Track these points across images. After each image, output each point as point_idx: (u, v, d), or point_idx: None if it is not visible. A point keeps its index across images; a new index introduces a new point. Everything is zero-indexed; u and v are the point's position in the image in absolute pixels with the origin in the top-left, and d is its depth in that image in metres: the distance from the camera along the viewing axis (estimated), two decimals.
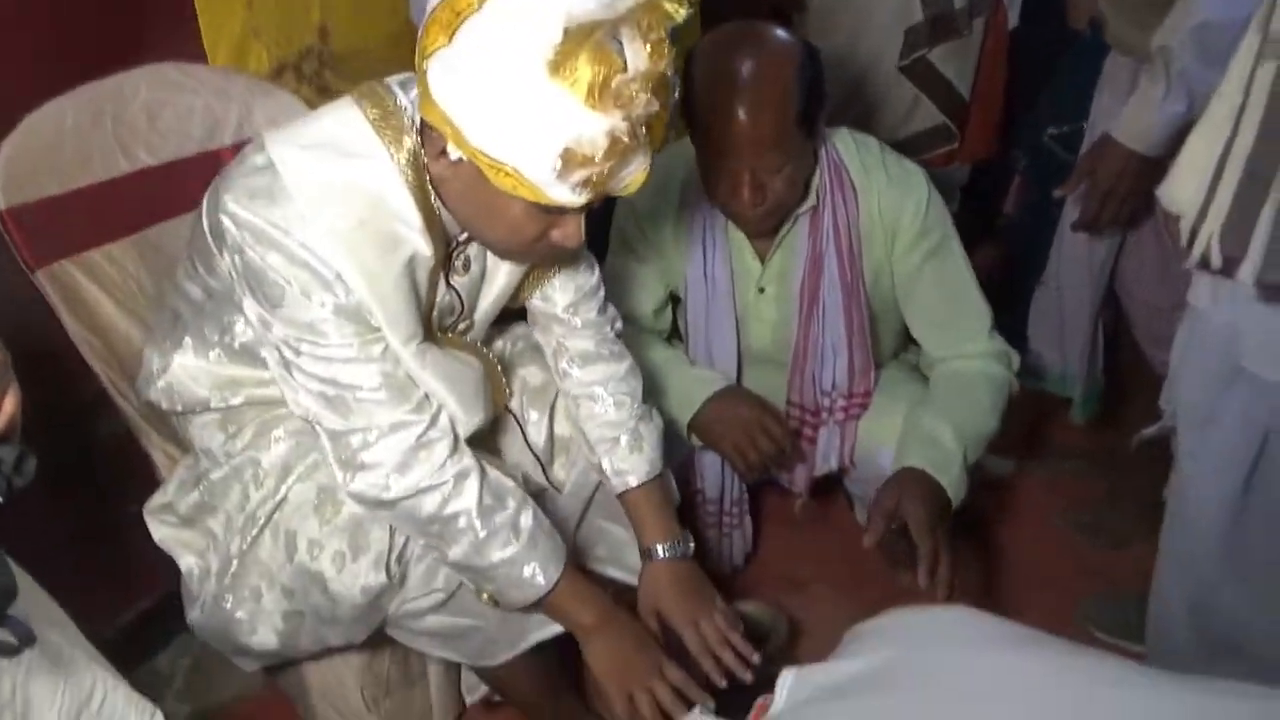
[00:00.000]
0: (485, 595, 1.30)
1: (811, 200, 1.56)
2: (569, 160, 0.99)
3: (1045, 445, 2.26)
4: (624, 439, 1.41)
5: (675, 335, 1.80)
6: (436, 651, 1.41)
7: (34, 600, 1.00)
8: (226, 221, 1.11)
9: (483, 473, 1.24)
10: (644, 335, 1.72)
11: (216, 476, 1.32)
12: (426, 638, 1.37)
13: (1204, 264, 1.14)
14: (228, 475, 1.31)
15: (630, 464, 1.41)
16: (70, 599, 1.06)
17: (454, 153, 1.05)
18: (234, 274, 1.15)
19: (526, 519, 1.25)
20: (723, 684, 1.32)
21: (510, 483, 1.27)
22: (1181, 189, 1.14)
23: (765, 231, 1.58)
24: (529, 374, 1.46)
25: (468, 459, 1.23)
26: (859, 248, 1.59)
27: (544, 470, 1.43)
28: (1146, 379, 1.78)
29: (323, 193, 1.11)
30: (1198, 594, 1.36)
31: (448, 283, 1.25)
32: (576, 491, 1.45)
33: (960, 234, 1.68)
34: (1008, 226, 2.57)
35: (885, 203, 1.59)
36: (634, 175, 1.07)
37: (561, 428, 1.46)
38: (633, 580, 1.45)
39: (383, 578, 1.25)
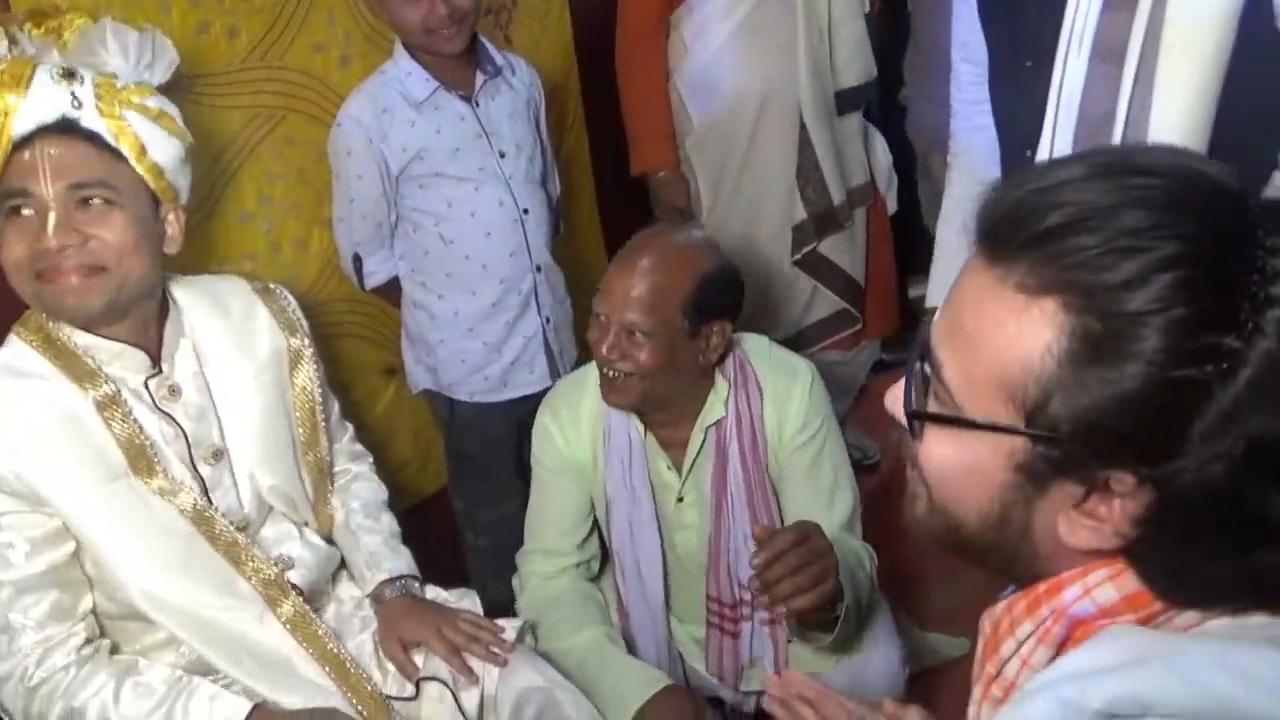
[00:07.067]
0: None
1: (719, 412, 1.62)
2: None
3: None
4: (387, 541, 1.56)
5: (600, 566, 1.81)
6: None
7: None
8: None
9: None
10: (570, 604, 1.69)
11: None
12: None
13: None
14: None
15: (390, 561, 1.53)
16: None
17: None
18: None
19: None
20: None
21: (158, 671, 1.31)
22: None
23: (623, 406, 1.60)
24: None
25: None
26: (762, 439, 1.64)
27: None
28: None
29: None
30: None
31: (159, 409, 1.32)
32: None
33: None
34: None
35: (776, 393, 1.65)
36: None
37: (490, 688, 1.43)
38: None
39: None
